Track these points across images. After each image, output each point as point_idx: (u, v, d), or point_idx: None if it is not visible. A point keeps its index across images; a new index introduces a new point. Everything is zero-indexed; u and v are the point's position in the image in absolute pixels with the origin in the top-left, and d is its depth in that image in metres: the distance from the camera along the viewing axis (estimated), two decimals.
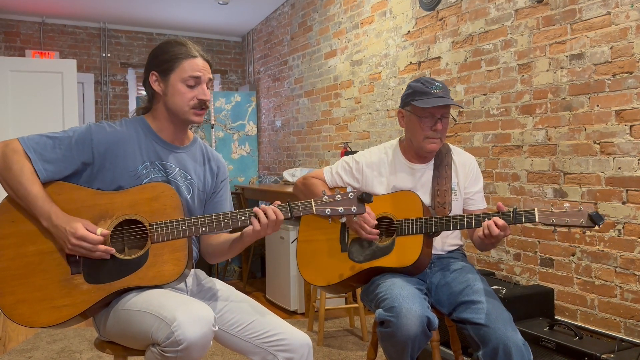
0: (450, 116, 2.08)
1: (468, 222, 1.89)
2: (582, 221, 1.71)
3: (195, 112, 1.72)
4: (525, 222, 1.80)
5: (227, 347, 1.71)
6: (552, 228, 1.77)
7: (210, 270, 5.14)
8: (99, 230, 1.56)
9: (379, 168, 2.15)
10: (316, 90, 5.24)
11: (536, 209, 1.76)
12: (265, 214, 1.60)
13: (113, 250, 1.57)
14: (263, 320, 1.69)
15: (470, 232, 2.10)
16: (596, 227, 1.72)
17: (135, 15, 6.18)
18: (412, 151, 2.12)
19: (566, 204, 1.75)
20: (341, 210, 1.62)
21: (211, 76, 1.76)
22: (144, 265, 1.59)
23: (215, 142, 6.06)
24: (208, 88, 1.76)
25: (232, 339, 1.69)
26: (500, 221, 1.79)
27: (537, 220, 1.76)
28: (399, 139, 2.21)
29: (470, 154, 2.23)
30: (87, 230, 1.55)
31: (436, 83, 2.02)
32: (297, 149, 5.65)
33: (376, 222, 1.96)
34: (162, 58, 1.71)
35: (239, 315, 1.71)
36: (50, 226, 1.56)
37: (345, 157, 2.23)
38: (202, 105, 1.73)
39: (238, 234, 1.70)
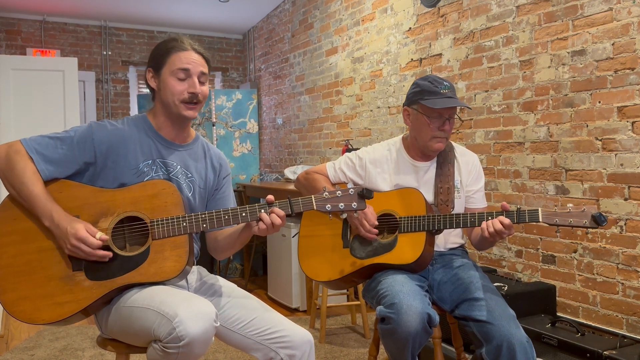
0: (457, 116, 2.08)
1: (471, 220, 1.87)
2: (586, 222, 1.69)
3: (186, 107, 1.69)
4: (528, 222, 1.78)
5: (229, 344, 1.71)
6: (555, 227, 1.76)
7: (212, 268, 5.14)
8: (99, 235, 1.56)
9: (382, 165, 2.14)
10: (317, 87, 5.23)
11: (540, 209, 1.75)
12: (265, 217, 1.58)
13: (110, 255, 1.57)
14: (265, 317, 1.69)
15: (468, 230, 2.09)
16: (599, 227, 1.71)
17: (136, 13, 6.18)
18: (417, 149, 2.11)
19: (570, 204, 1.74)
20: (342, 206, 1.61)
21: (205, 70, 1.72)
22: (145, 261, 1.59)
23: (217, 140, 6.06)
24: (203, 83, 1.72)
25: (234, 336, 1.69)
26: (506, 220, 1.77)
27: (540, 220, 1.74)
28: (402, 137, 2.20)
29: (473, 153, 2.22)
30: (88, 233, 1.55)
31: (444, 83, 2.00)
32: (298, 146, 5.65)
33: (377, 223, 1.96)
34: (155, 54, 1.72)
35: (241, 312, 1.71)
36: (51, 225, 1.56)
37: (348, 154, 2.22)
38: (194, 99, 1.69)
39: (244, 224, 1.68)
